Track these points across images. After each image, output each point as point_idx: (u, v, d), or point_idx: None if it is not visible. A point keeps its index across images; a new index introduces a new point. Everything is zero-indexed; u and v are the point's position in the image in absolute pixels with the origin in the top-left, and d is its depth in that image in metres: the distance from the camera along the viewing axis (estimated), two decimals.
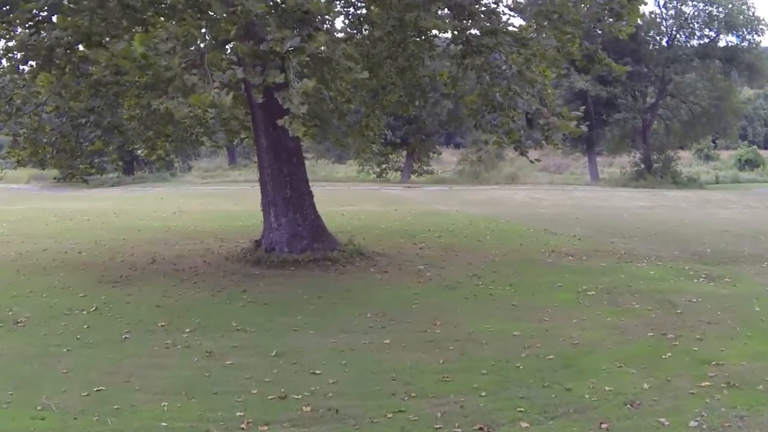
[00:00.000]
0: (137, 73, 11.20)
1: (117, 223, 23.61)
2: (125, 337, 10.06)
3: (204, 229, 21.41)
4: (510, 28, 11.86)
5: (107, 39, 10.32)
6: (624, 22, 12.83)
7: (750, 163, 61.71)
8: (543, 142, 14.45)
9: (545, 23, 11.78)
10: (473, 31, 12.01)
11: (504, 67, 12.11)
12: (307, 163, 52.34)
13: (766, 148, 72.83)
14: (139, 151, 20.09)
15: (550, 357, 8.97)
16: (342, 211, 26.29)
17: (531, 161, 13.85)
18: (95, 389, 7.94)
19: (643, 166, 46.61)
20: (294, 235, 14.86)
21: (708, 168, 60.25)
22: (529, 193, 35.89)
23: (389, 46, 14.17)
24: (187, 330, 10.28)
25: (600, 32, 14.27)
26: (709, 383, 8.00)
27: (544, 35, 11.87)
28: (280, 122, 8.71)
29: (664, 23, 45.64)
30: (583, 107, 23.03)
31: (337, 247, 15.26)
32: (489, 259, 15.74)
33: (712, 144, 69.11)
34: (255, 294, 12.52)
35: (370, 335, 9.97)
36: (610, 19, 12.68)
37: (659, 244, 18.29)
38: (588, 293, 12.55)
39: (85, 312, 11.45)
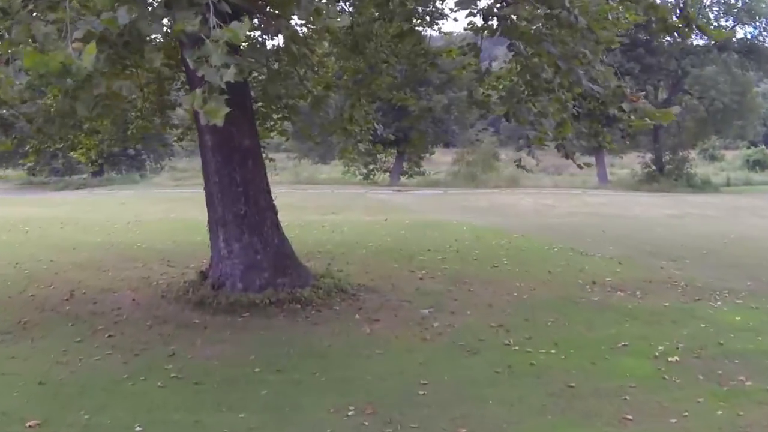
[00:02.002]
0: None
1: (57, 236, 19.66)
2: None
3: (153, 246, 17.46)
4: None
5: None
6: None
7: (759, 164, 58.42)
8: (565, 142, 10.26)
9: None
10: None
11: (549, 30, 8.16)
12: (289, 164, 48.90)
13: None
14: (71, 153, 15.98)
15: None
16: (322, 221, 22.37)
17: (579, 166, 9.91)
18: None
19: (654, 167, 42.96)
20: (250, 266, 10.89)
21: (715, 169, 57.01)
22: (536, 198, 32.00)
23: (381, 2, 10.17)
24: None
25: None
26: None
27: None
28: (185, 103, 4.72)
29: (677, 12, 41.83)
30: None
31: (309, 281, 11.29)
32: (514, 296, 11.78)
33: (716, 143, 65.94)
34: (185, 362, 8.54)
35: None
36: None
37: (720, 270, 14.45)
38: (669, 359, 8.63)
39: None
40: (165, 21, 5.27)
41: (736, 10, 40.46)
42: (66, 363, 8.59)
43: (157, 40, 5.26)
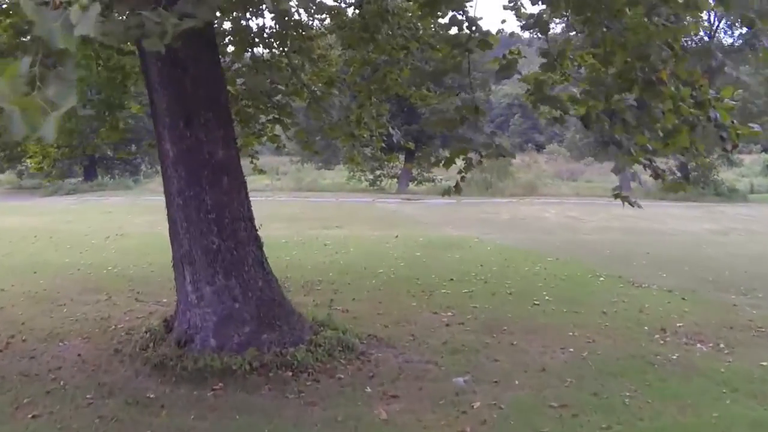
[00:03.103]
0: None
1: (24, 254, 17.23)
2: None
3: (126, 270, 14.92)
4: None
5: None
6: None
7: None
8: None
9: None
10: None
11: None
12: (291, 168, 46.39)
13: None
14: (27, 162, 13.38)
15: None
16: (325, 237, 19.76)
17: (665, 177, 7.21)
18: None
19: (679, 174, 40.19)
20: (226, 317, 8.21)
21: (735, 175, 54.18)
22: (560, 209, 29.32)
23: None
24: None
25: None
26: None
27: None
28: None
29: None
30: None
31: (305, 335, 8.60)
32: (570, 353, 9.06)
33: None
34: None
35: None
36: None
37: None
38: None
39: None
40: None
41: None
42: None
43: None
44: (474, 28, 5.87)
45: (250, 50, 9.68)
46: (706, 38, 39.79)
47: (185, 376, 7.82)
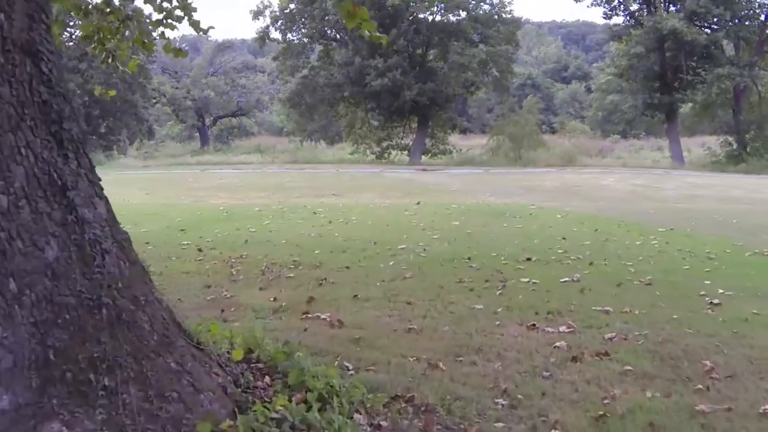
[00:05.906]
0: None
1: None
2: None
3: None
4: None
5: None
6: None
7: None
8: None
9: None
10: None
11: None
12: (290, 146, 41.17)
13: None
14: None
15: None
16: (317, 206, 14.11)
17: None
18: None
19: (736, 145, 34.46)
20: None
21: None
22: (618, 177, 23.57)
23: None
24: None
25: None
26: None
27: None
28: None
29: None
30: None
31: (202, 409, 2.78)
32: None
33: None
34: None
35: None
36: None
37: None
38: None
39: None
40: None
41: None
42: None
43: None
44: None
45: None
46: None
47: None
